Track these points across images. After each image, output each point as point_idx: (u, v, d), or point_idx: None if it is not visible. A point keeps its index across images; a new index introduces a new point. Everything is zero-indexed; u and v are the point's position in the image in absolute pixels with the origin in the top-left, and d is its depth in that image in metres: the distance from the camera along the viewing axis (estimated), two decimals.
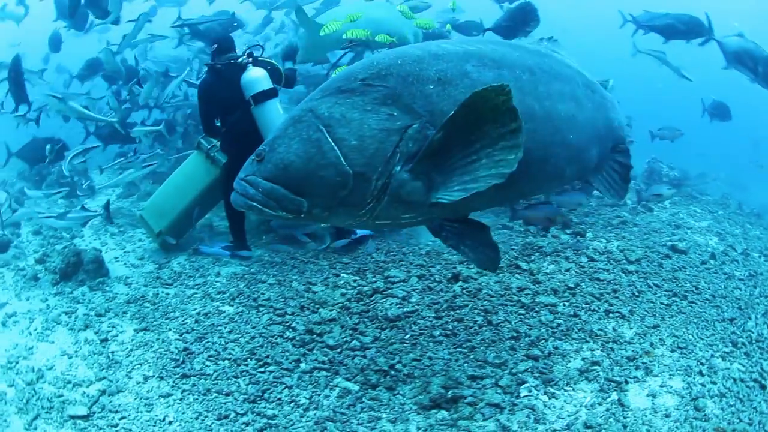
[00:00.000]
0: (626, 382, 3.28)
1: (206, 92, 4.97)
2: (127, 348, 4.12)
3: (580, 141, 3.26)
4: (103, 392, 3.68)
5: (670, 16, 6.78)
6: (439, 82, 2.86)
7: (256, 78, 4.77)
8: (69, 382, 3.79)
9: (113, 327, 4.39)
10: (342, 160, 2.71)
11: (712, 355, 3.52)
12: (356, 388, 3.42)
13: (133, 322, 4.42)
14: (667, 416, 3.01)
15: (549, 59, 3.35)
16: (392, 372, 3.45)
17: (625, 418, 3.00)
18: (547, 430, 2.92)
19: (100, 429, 3.37)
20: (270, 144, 2.89)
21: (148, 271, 5.15)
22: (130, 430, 3.35)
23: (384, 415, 3.20)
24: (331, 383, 3.49)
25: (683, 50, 6.89)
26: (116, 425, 3.39)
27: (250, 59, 4.90)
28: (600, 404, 3.09)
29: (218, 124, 4.98)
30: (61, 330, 4.41)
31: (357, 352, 3.69)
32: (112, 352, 4.08)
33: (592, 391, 3.20)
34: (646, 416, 3.00)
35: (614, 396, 3.15)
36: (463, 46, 3.05)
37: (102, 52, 8.14)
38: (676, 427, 2.94)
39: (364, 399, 3.33)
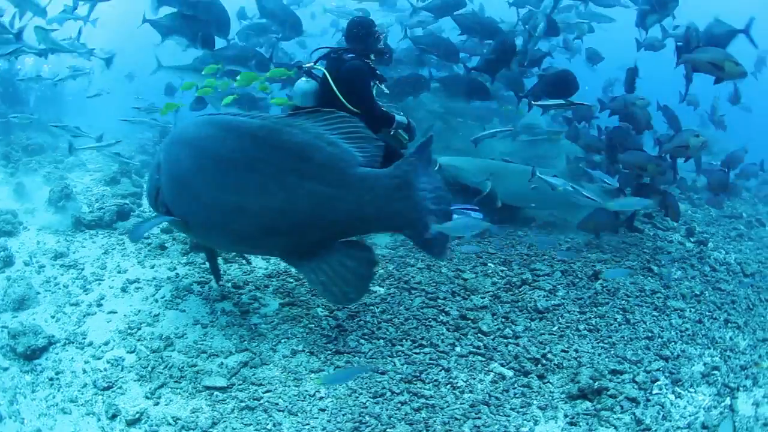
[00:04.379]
0: (738, 389, 3.63)
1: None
2: (272, 321, 4.05)
3: (245, 229, 3.63)
4: (245, 364, 3.59)
5: None
6: (166, 160, 3.91)
7: None
8: (204, 352, 3.69)
9: (254, 299, 4.33)
10: (149, 195, 4.13)
11: None
12: (510, 374, 3.64)
13: (277, 297, 4.38)
14: (765, 425, 3.37)
15: (261, 146, 3.57)
16: (543, 361, 3.74)
17: (734, 422, 3.24)
18: (671, 426, 3.28)
19: (241, 401, 3.27)
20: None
21: None
22: (276, 403, 3.27)
23: (534, 402, 3.42)
24: (486, 368, 3.68)
25: None
26: (260, 398, 3.32)
27: None
28: (715, 407, 3.47)
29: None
30: (193, 299, 4.31)
31: (510, 340, 3.96)
32: (255, 325, 4.01)
33: (710, 395, 3.57)
34: (749, 423, 3.37)
35: (727, 401, 3.52)
36: (210, 130, 3.78)
37: None
38: None
39: (516, 385, 3.54)
